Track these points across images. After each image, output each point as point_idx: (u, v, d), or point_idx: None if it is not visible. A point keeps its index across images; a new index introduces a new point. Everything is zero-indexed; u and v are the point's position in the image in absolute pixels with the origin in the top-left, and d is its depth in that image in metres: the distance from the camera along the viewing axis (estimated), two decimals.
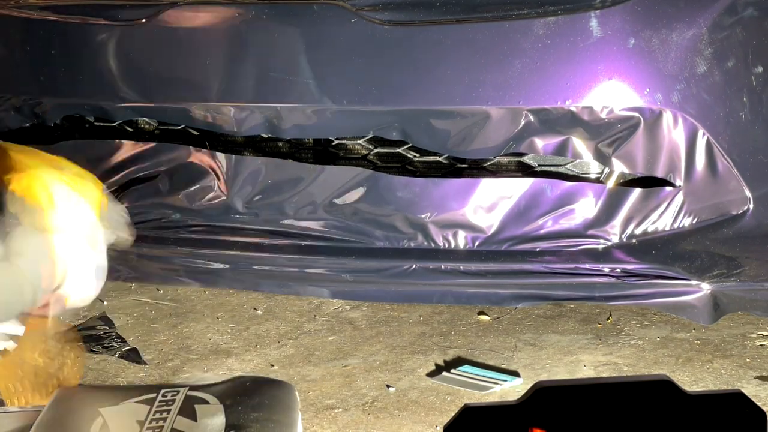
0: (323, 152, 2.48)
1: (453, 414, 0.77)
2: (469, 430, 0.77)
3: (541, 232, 2.31)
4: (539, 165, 2.36)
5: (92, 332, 2.51)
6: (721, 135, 2.21)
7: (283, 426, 1.29)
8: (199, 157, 2.53)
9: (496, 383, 2.32)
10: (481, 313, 2.71)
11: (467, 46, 2.25)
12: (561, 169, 2.34)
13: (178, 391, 1.38)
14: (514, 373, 2.37)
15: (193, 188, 2.54)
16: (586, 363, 2.42)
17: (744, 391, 0.79)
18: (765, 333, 2.55)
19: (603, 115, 2.21)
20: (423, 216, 2.36)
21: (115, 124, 2.60)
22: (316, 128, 2.41)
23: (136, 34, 2.47)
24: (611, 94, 2.20)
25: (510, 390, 2.30)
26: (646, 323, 2.62)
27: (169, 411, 1.31)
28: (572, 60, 2.21)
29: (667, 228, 2.26)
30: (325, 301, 2.77)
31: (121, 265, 2.47)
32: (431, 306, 2.74)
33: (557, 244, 2.31)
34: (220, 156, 2.51)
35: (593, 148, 2.26)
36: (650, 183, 2.27)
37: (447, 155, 2.37)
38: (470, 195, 2.33)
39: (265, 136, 2.46)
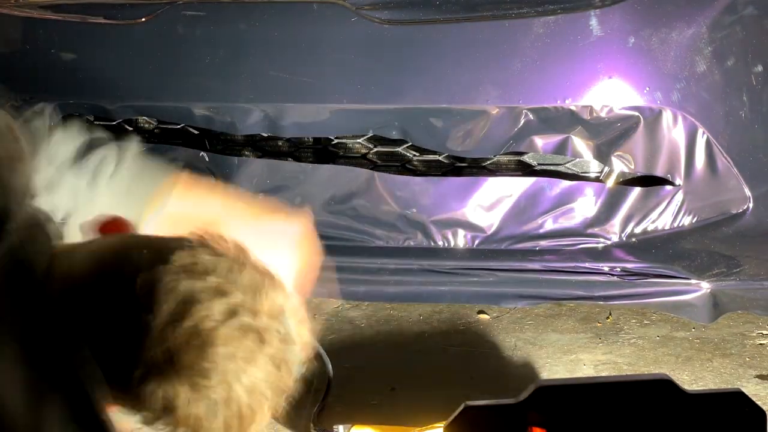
0: (323, 151, 2.48)
1: (453, 413, 0.77)
2: (469, 428, 0.77)
3: (541, 231, 2.31)
4: (539, 164, 2.35)
5: None
6: (721, 134, 2.21)
7: None
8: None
9: None
10: (481, 312, 2.70)
11: (467, 46, 2.25)
12: (561, 168, 2.34)
13: None
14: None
15: None
16: (586, 362, 2.42)
17: (744, 389, 0.79)
18: (764, 332, 2.55)
19: (603, 114, 2.21)
20: (423, 215, 2.36)
21: (114, 123, 2.60)
22: (316, 127, 2.41)
23: (136, 33, 2.47)
24: (611, 93, 2.20)
25: None
26: (645, 322, 2.62)
27: None
28: (572, 59, 2.21)
29: (667, 227, 2.26)
30: (324, 300, 2.77)
31: None
32: (431, 305, 2.74)
33: (557, 243, 2.31)
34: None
35: (593, 146, 2.26)
36: (650, 182, 2.27)
37: (446, 154, 2.37)
38: (470, 194, 2.33)
39: (265, 135, 2.46)
